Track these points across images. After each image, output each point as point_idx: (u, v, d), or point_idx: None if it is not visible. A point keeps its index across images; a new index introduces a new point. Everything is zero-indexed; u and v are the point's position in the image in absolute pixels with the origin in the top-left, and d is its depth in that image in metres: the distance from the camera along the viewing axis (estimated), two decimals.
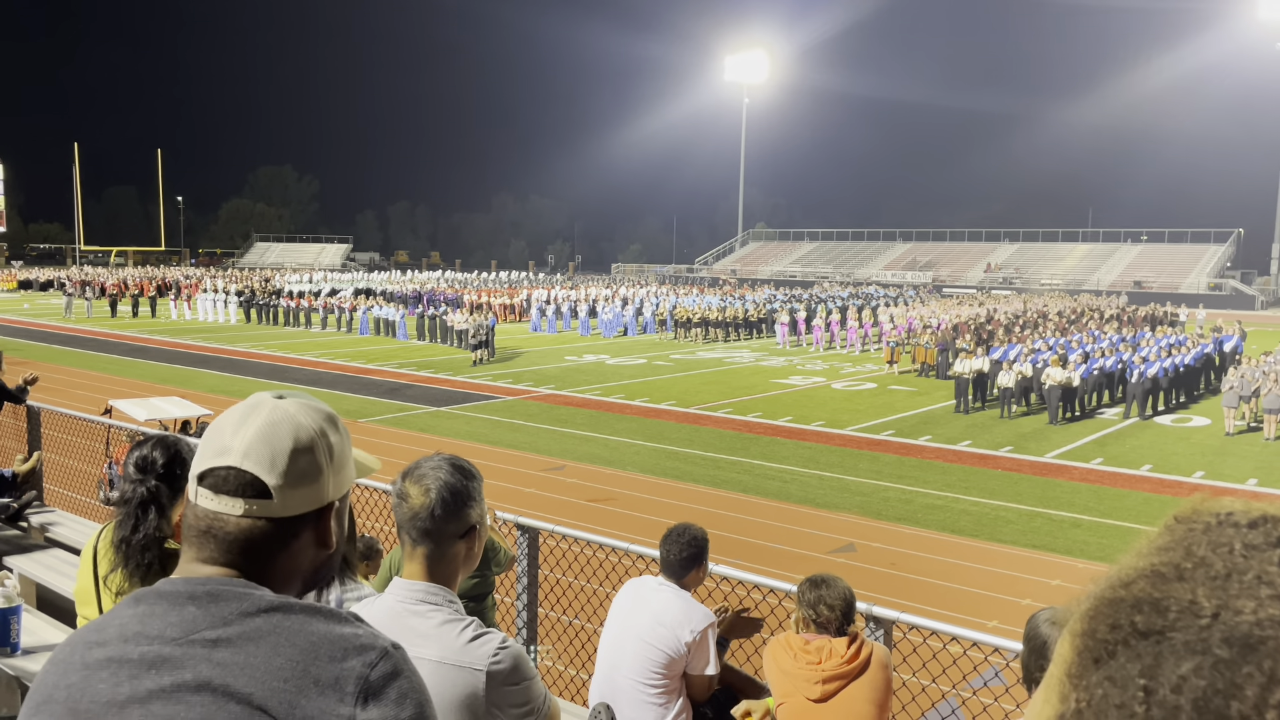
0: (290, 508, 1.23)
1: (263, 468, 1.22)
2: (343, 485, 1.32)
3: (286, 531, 1.24)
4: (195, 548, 1.23)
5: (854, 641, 3.26)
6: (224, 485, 1.22)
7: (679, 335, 37.54)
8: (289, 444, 1.24)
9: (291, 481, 1.23)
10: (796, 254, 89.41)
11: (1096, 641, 0.58)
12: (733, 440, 18.06)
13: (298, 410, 1.29)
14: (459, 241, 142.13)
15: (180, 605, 1.16)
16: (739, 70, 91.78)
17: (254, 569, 1.22)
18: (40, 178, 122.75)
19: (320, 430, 1.28)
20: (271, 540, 1.23)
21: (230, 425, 1.26)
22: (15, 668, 3.64)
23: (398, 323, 36.86)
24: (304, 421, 1.28)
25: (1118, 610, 0.58)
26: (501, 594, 4.76)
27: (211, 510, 1.22)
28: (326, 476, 1.27)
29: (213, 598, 1.16)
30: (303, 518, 1.25)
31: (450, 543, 2.02)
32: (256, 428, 1.25)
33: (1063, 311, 39.72)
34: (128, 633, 1.15)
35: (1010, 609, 9.84)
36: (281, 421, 1.26)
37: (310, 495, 1.25)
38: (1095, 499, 14.29)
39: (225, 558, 1.21)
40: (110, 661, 1.13)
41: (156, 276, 62.61)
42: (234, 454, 1.23)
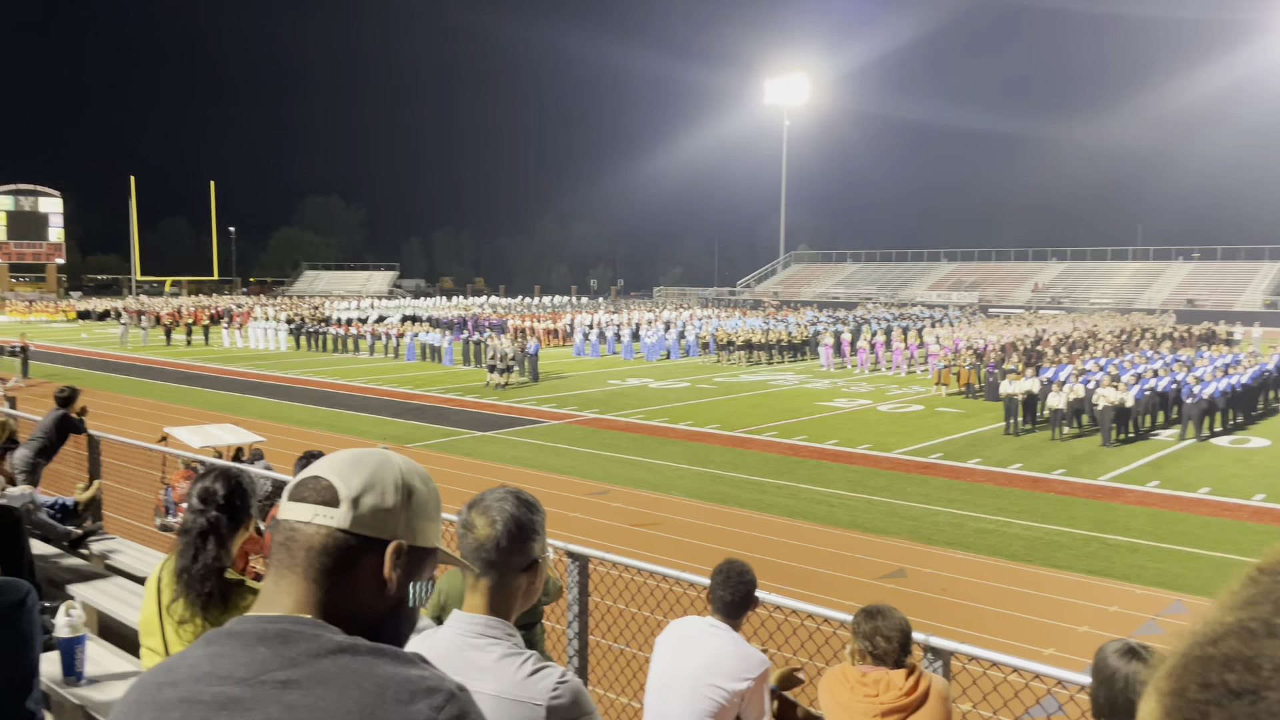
0: (356, 524, 1.27)
1: (339, 480, 1.29)
2: (416, 533, 1.33)
3: (350, 552, 1.26)
4: (273, 563, 1.28)
5: (912, 673, 3.20)
6: (300, 493, 1.29)
7: (722, 358, 37.44)
8: (370, 467, 1.32)
9: (361, 498, 1.28)
10: (839, 275, 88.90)
11: (1187, 701, 0.57)
12: (778, 464, 17.94)
13: (395, 454, 1.37)
14: (502, 267, 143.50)
15: (250, 646, 1.18)
16: (779, 93, 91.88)
17: (320, 587, 1.25)
18: (98, 211, 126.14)
19: (408, 471, 1.35)
20: (336, 556, 1.25)
21: (330, 456, 1.36)
22: (81, 697, 3.71)
23: (444, 348, 37.23)
24: (394, 460, 1.35)
25: (1207, 669, 0.57)
26: (552, 621, 4.77)
27: (289, 520, 1.28)
28: (399, 512, 1.31)
29: (283, 638, 1.18)
30: (367, 543, 1.27)
31: (513, 576, 2.03)
32: (349, 454, 1.34)
33: (1114, 331, 39.01)
34: (198, 673, 1.17)
35: (1067, 636, 9.63)
36: (373, 455, 1.35)
37: (378, 521, 1.28)
38: (1152, 523, 13.96)
39: (294, 570, 1.25)
40: (182, 702, 1.15)
41: (209, 305, 63.92)
42: (319, 469, 1.31)
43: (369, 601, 1.28)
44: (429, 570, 1.38)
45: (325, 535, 1.26)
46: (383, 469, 1.32)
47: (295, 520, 1.28)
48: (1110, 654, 2.49)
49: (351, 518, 1.27)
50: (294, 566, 1.26)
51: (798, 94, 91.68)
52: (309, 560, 1.26)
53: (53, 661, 3.80)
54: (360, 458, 1.34)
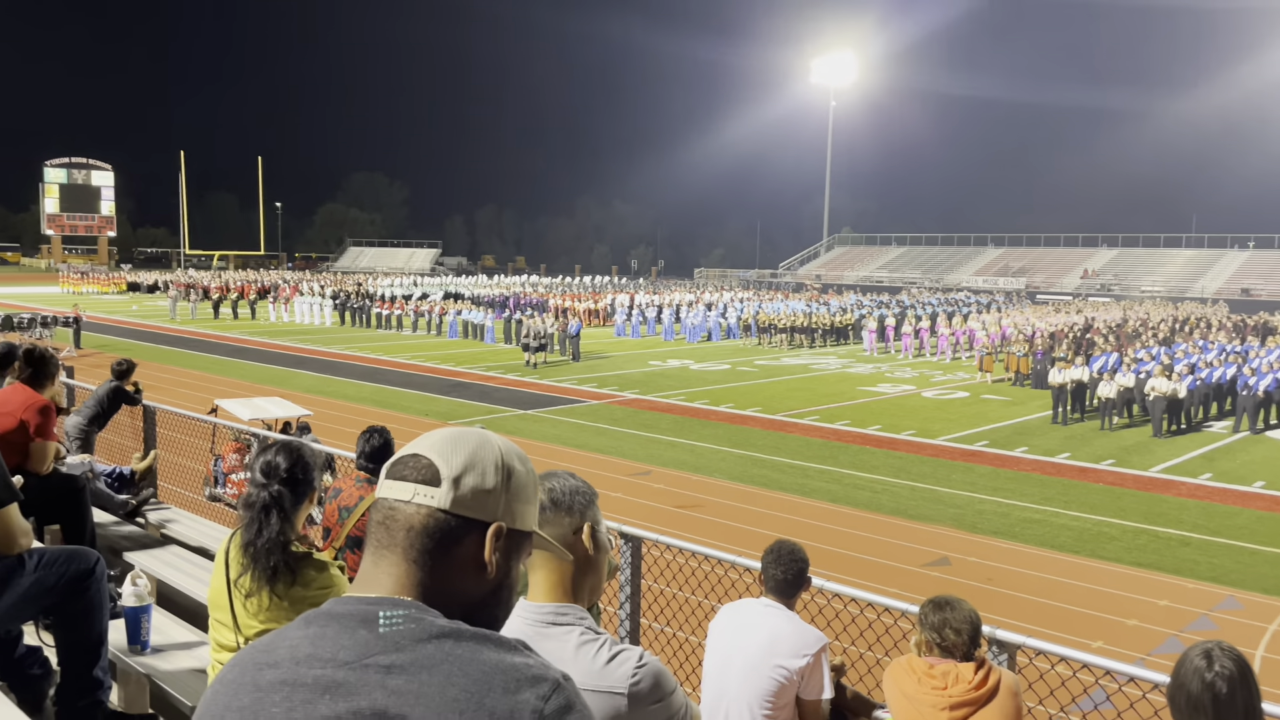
0: (456, 504, 1.24)
1: (440, 458, 1.27)
2: (515, 516, 1.31)
3: (451, 533, 1.24)
4: (371, 542, 1.26)
5: (981, 667, 3.15)
6: (400, 471, 1.27)
7: (763, 341, 37.26)
8: (470, 447, 1.29)
9: (462, 478, 1.25)
10: (883, 259, 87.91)
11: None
12: (820, 448, 17.83)
13: (493, 434, 1.35)
14: (543, 246, 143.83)
15: (352, 628, 1.15)
16: (825, 72, 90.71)
17: (420, 568, 1.23)
18: (148, 185, 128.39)
19: (507, 451, 1.33)
20: (436, 536, 1.23)
21: (429, 435, 1.34)
22: (146, 665, 3.77)
23: (486, 326, 37.42)
24: (494, 440, 1.33)
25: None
26: (604, 601, 4.76)
27: (389, 499, 1.26)
28: (499, 494, 1.29)
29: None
30: (468, 524, 1.25)
31: (582, 557, 2.00)
32: (448, 432, 1.33)
33: (1166, 320, 38.22)
34: (299, 654, 1.14)
35: (1115, 629, 9.48)
36: (473, 434, 1.33)
37: (478, 502, 1.26)
38: (1204, 516, 13.69)
39: (394, 550, 1.23)
40: (283, 684, 1.12)
41: (256, 280, 64.80)
42: (419, 447, 1.30)
43: (468, 584, 1.26)
44: (526, 554, 1.36)
45: (426, 515, 1.24)
46: (483, 449, 1.30)
47: (394, 499, 1.26)
48: (1194, 655, 2.43)
49: (452, 498, 1.25)
50: (393, 546, 1.24)
51: (844, 73, 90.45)
52: (409, 540, 1.24)
53: (118, 630, 3.86)
54: (461, 436, 1.32)
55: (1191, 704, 2.40)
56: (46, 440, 4.85)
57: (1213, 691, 2.36)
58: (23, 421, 4.74)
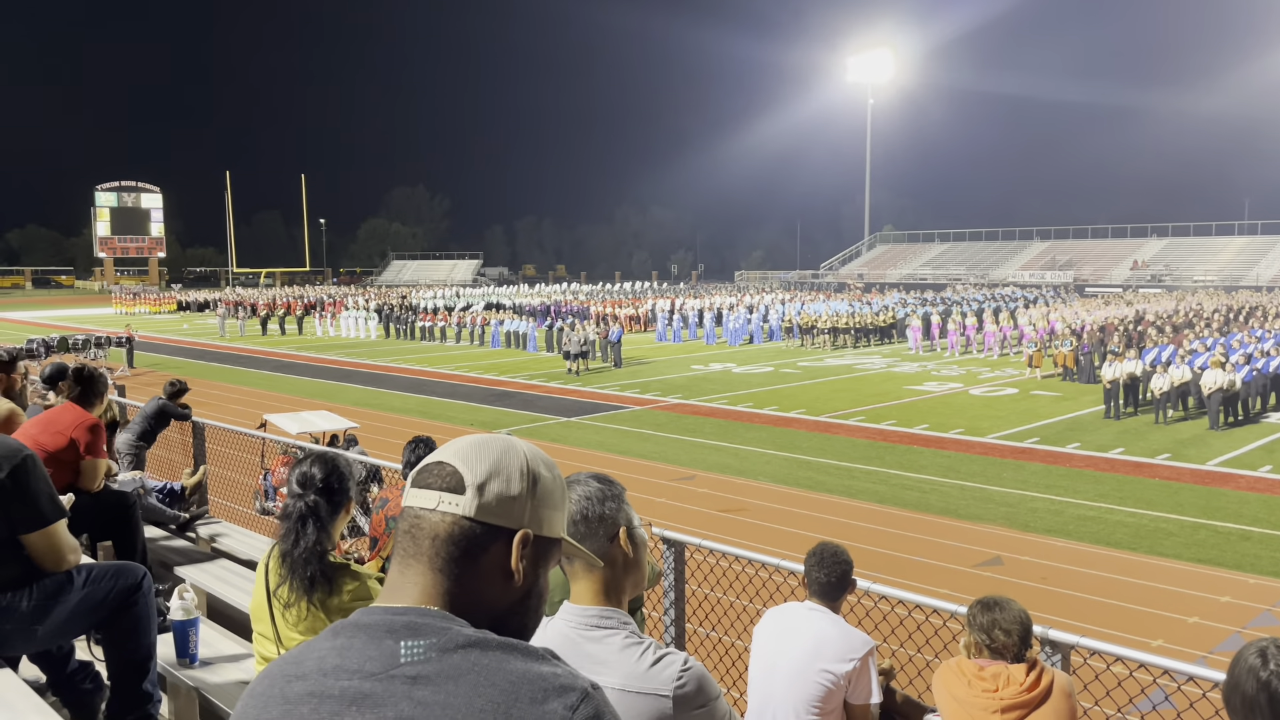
0: (481, 512, 1.23)
1: (464, 466, 1.26)
2: (542, 523, 1.30)
3: (477, 541, 1.23)
4: (398, 552, 1.25)
5: (1033, 668, 3.07)
6: (424, 480, 1.26)
7: (806, 342, 36.99)
8: (495, 454, 1.28)
9: (486, 485, 1.24)
10: (927, 256, 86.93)
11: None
12: (866, 449, 17.63)
13: (519, 441, 1.34)
14: (583, 254, 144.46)
15: (379, 639, 1.14)
16: (863, 70, 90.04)
17: (446, 577, 1.22)
18: (196, 205, 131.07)
19: (533, 458, 1.31)
20: (462, 544, 1.22)
21: (454, 442, 1.33)
22: (195, 679, 3.80)
23: (528, 335, 37.61)
24: (519, 446, 1.32)
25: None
26: (647, 608, 4.73)
27: (414, 508, 1.25)
28: (525, 500, 1.28)
29: (411, 631, 1.14)
30: (493, 532, 1.24)
31: (603, 549, 1.99)
32: (473, 439, 1.32)
33: (1219, 309, 37.32)
34: (326, 666, 1.14)
35: (1176, 627, 9.24)
36: (498, 441, 1.31)
37: (504, 509, 1.25)
38: (1265, 509, 13.31)
39: (419, 559, 1.22)
40: (311, 696, 1.12)
41: (302, 296, 65.78)
42: (444, 455, 1.29)
43: (495, 593, 1.25)
44: (554, 561, 1.33)
45: (450, 523, 1.23)
46: (508, 455, 1.29)
47: (420, 507, 1.25)
48: (1249, 654, 2.34)
49: (477, 505, 1.24)
50: (419, 555, 1.23)
51: (882, 71, 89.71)
52: (434, 549, 1.23)
53: (166, 643, 3.90)
54: (485, 443, 1.30)
55: (1247, 704, 2.32)
56: (97, 458, 4.94)
57: (1269, 691, 2.28)
58: (73, 440, 4.83)
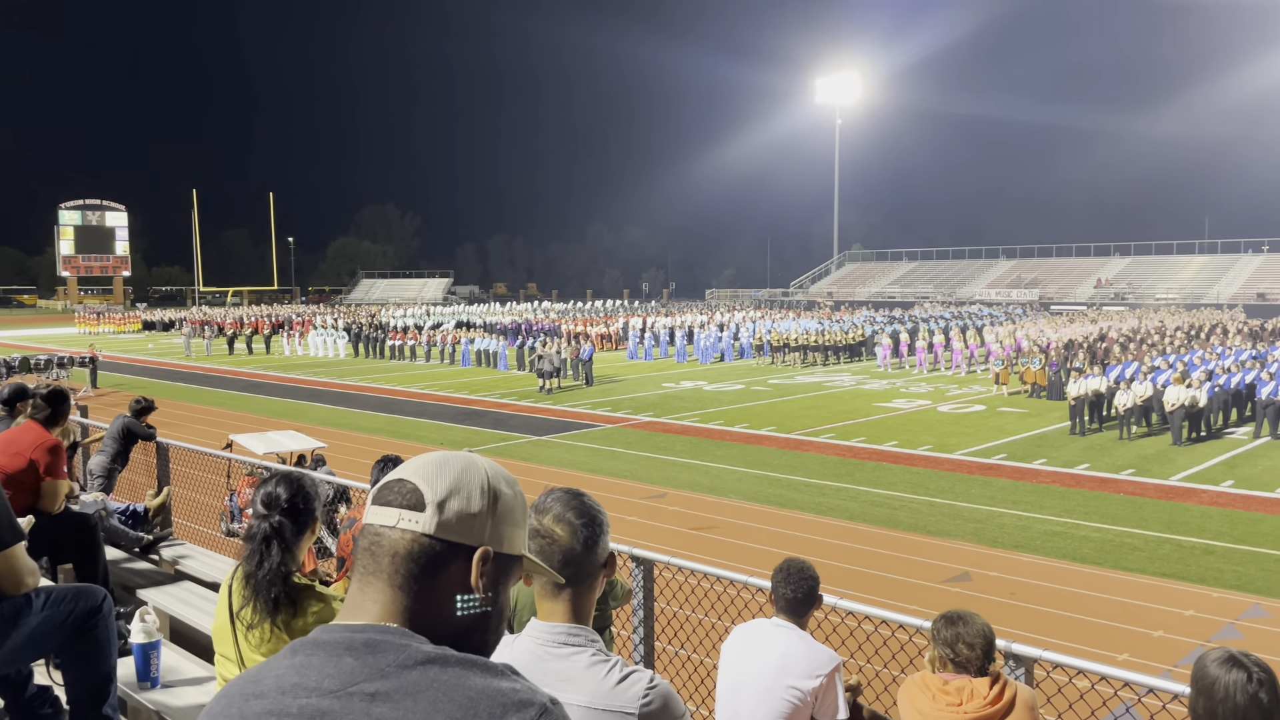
0: (441, 529, 1.23)
1: (425, 483, 1.25)
2: (502, 540, 1.30)
3: (437, 558, 1.23)
4: (357, 569, 1.25)
5: (996, 682, 3.09)
6: (385, 497, 1.26)
7: (776, 360, 37.17)
8: (455, 471, 1.28)
9: (446, 502, 1.24)
10: (895, 274, 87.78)
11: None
12: (836, 466, 17.72)
13: (480, 458, 1.34)
14: (555, 272, 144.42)
15: (337, 656, 1.14)
16: (830, 92, 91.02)
17: (406, 594, 1.22)
18: (162, 224, 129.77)
19: (494, 475, 1.31)
20: (422, 561, 1.22)
21: (414, 460, 1.32)
22: (156, 702, 3.75)
23: (499, 354, 37.49)
24: (480, 463, 1.32)
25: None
26: (616, 626, 4.72)
27: (374, 525, 1.25)
28: (485, 517, 1.28)
29: (370, 648, 1.14)
30: (453, 549, 1.24)
31: (594, 577, 1.99)
32: (435, 456, 1.31)
33: (1182, 327, 37.94)
34: (285, 684, 1.13)
35: (1141, 641, 9.34)
36: (458, 458, 1.31)
37: (464, 526, 1.25)
38: (1228, 524, 13.51)
39: (379, 577, 1.22)
40: (269, 714, 1.11)
41: (270, 314, 65.20)
42: (404, 472, 1.28)
43: (456, 610, 1.25)
44: (515, 578, 1.34)
45: (410, 540, 1.23)
46: (468, 472, 1.29)
47: (380, 525, 1.25)
48: (1211, 663, 2.38)
49: (437, 522, 1.24)
50: (379, 573, 1.23)
51: (849, 92, 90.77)
52: (394, 566, 1.22)
53: (127, 666, 3.84)
54: (445, 460, 1.30)
55: (1211, 713, 2.35)
56: (57, 479, 4.86)
57: (1258, 702, 2.31)
58: (32, 461, 4.75)
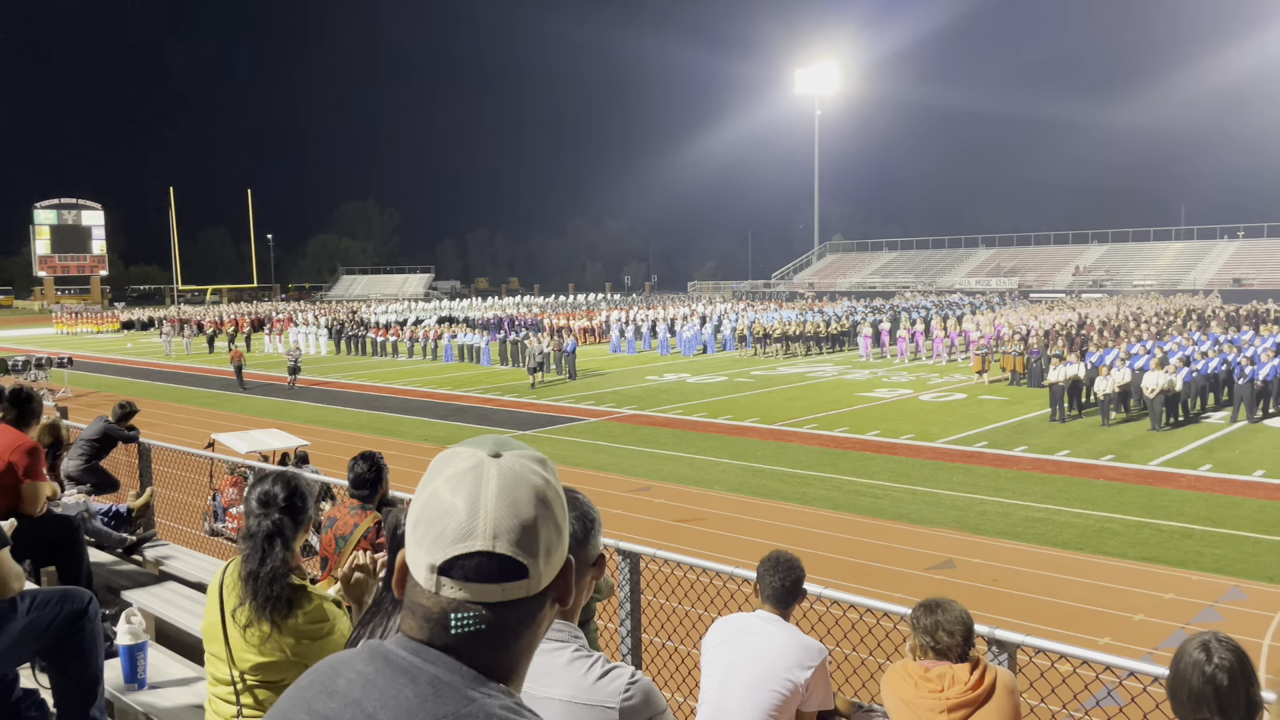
0: (545, 580, 1.15)
1: (518, 548, 1.12)
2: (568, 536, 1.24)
3: (536, 606, 1.15)
4: (436, 636, 1.14)
5: (977, 667, 3.14)
6: (476, 574, 1.11)
7: (759, 351, 37.27)
8: (533, 513, 1.13)
9: (546, 554, 1.14)
10: (875, 264, 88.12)
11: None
12: (820, 456, 17.81)
13: (523, 469, 1.16)
14: (536, 266, 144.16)
15: (400, 684, 1.10)
16: (810, 83, 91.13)
17: (497, 652, 1.14)
18: (139, 222, 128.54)
19: (548, 482, 1.18)
20: (525, 619, 1.15)
21: (462, 500, 1.12)
22: (143, 703, 3.74)
23: (481, 349, 37.42)
24: (536, 481, 1.16)
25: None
26: (604, 620, 4.75)
27: (459, 599, 1.12)
28: (564, 531, 1.19)
29: (434, 689, 1.09)
30: (549, 584, 1.17)
31: (584, 574, 2.00)
32: (494, 500, 1.12)
33: (1159, 313, 38.29)
34: (352, 694, 1.11)
35: (1123, 625, 9.46)
36: (518, 487, 1.14)
37: (558, 559, 1.18)
38: (1206, 507, 13.68)
39: (470, 647, 1.12)
40: (327, 719, 1.11)
41: (250, 312, 64.78)
42: (482, 536, 1.11)
43: (547, 627, 1.23)
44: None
45: (512, 609, 1.15)
46: (535, 498, 1.15)
47: (471, 600, 1.13)
48: (1192, 649, 2.43)
49: (540, 580, 1.15)
50: (467, 640, 1.15)
51: (828, 83, 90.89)
52: (494, 635, 1.15)
53: (114, 668, 3.84)
54: (507, 501, 1.13)
55: (1194, 698, 2.40)
56: (37, 481, 4.82)
57: (1214, 684, 2.37)
58: (10, 464, 4.72)
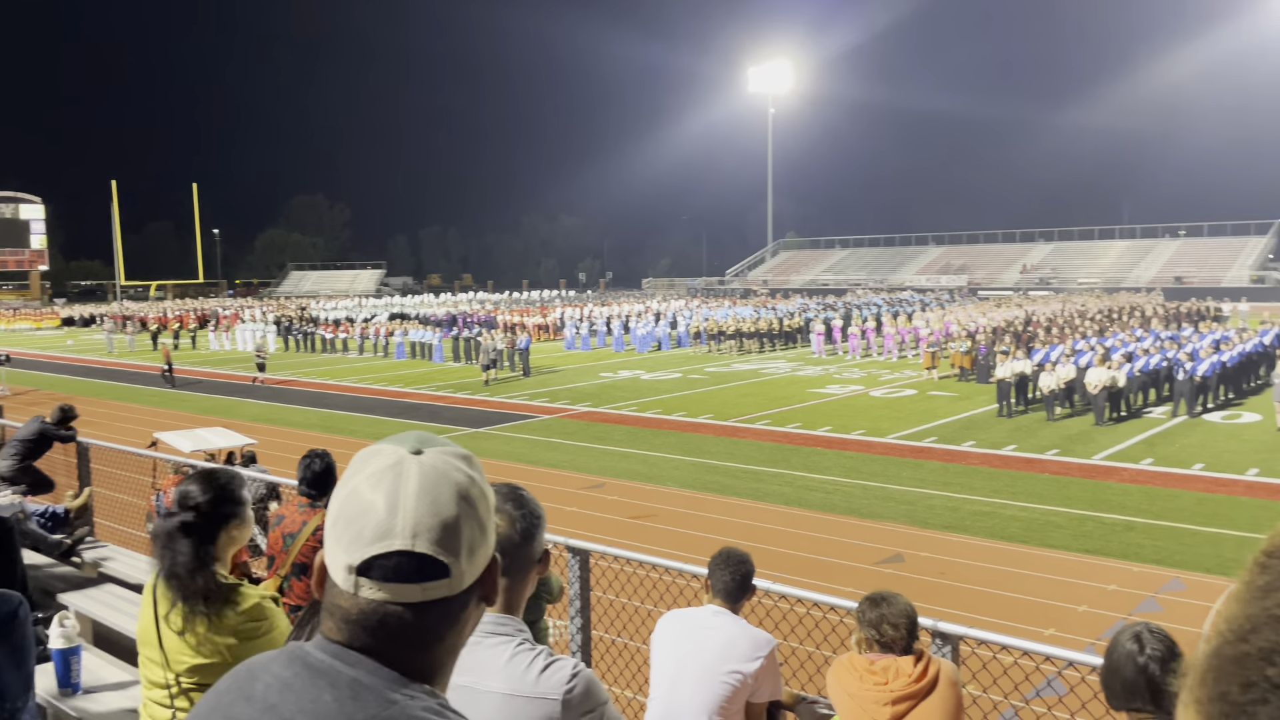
0: (468, 579, 1.12)
1: (438, 547, 1.08)
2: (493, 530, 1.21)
3: (459, 605, 1.13)
4: (356, 638, 1.10)
5: (921, 660, 3.18)
6: (394, 574, 1.07)
7: (713, 348, 37.43)
8: (455, 510, 1.10)
9: (469, 553, 1.11)
10: (828, 262, 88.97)
11: (1232, 705, 0.54)
12: (773, 452, 17.93)
13: (445, 466, 1.13)
14: (490, 263, 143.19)
15: (319, 688, 1.07)
16: (763, 81, 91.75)
17: (419, 653, 1.12)
18: (80, 216, 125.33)
19: (472, 480, 1.15)
20: (447, 620, 1.12)
21: (381, 498, 1.09)
22: (78, 709, 3.65)
23: (433, 346, 37.11)
24: (459, 479, 1.13)
25: (1245, 667, 0.54)
26: (554, 617, 4.73)
27: (378, 600, 1.08)
28: (489, 529, 1.17)
29: (354, 693, 1.06)
30: (473, 584, 1.15)
31: (529, 570, 2.01)
32: (414, 498, 1.09)
33: (1102, 310, 39.12)
34: (269, 699, 1.08)
35: (1067, 616, 9.64)
36: (439, 484, 1.11)
37: (482, 558, 1.15)
38: (1147, 500, 14.00)
39: (391, 648, 1.09)
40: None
41: (196, 308, 63.59)
42: (400, 535, 1.08)
43: (474, 625, 1.20)
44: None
45: (435, 608, 1.12)
46: (457, 495, 1.12)
47: (390, 600, 1.10)
48: (1123, 639, 2.48)
49: (463, 579, 1.12)
50: (389, 642, 1.12)
51: (781, 81, 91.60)
52: (416, 637, 1.13)
53: (48, 673, 3.73)
54: (429, 498, 1.10)
55: (1128, 688, 2.45)
56: None
57: (1147, 674, 2.41)
58: None
